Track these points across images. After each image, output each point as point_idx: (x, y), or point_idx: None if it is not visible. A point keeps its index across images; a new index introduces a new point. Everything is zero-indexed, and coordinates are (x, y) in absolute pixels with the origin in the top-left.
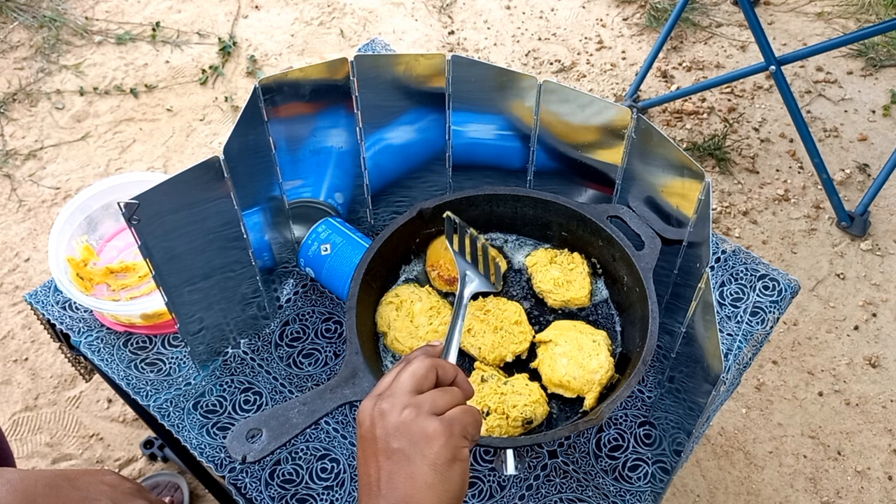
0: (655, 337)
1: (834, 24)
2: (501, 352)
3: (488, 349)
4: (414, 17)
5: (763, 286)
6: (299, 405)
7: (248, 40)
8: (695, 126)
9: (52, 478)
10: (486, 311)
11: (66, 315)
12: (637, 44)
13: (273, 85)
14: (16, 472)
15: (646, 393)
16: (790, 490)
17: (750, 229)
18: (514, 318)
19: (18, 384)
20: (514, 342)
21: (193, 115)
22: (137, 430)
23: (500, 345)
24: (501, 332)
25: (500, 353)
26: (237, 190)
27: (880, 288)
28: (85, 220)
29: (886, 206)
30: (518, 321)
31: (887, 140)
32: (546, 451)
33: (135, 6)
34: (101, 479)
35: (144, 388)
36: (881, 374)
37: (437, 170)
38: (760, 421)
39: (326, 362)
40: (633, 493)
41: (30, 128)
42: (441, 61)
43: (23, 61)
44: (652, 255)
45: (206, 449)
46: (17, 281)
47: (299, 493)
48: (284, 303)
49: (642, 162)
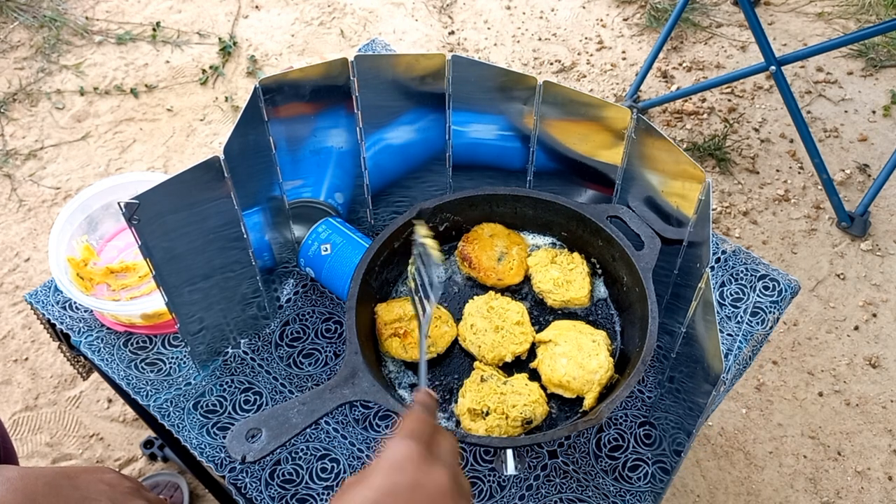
0: (655, 337)
1: (834, 24)
2: (501, 352)
3: (488, 348)
4: (414, 18)
5: (763, 286)
6: (299, 405)
7: (248, 40)
8: (695, 126)
9: (52, 476)
10: (490, 307)
11: (66, 315)
12: (637, 44)
13: (273, 85)
14: (16, 471)
15: (646, 393)
16: (790, 490)
17: (750, 229)
18: (517, 318)
19: (18, 384)
20: (514, 342)
21: (194, 115)
22: (137, 430)
23: (499, 344)
24: (502, 332)
25: (499, 352)
26: (237, 190)
27: (880, 288)
28: (85, 219)
29: (886, 207)
30: (520, 321)
31: (887, 140)
32: (546, 451)
33: (135, 6)
34: (100, 478)
35: (144, 388)
36: (881, 375)
37: (437, 170)
38: (760, 421)
39: (326, 362)
40: (633, 493)
41: (30, 128)
42: (441, 61)
43: (23, 61)
44: (652, 255)
45: (206, 449)
46: (18, 281)
47: (299, 493)
48: (284, 303)
49: (642, 162)
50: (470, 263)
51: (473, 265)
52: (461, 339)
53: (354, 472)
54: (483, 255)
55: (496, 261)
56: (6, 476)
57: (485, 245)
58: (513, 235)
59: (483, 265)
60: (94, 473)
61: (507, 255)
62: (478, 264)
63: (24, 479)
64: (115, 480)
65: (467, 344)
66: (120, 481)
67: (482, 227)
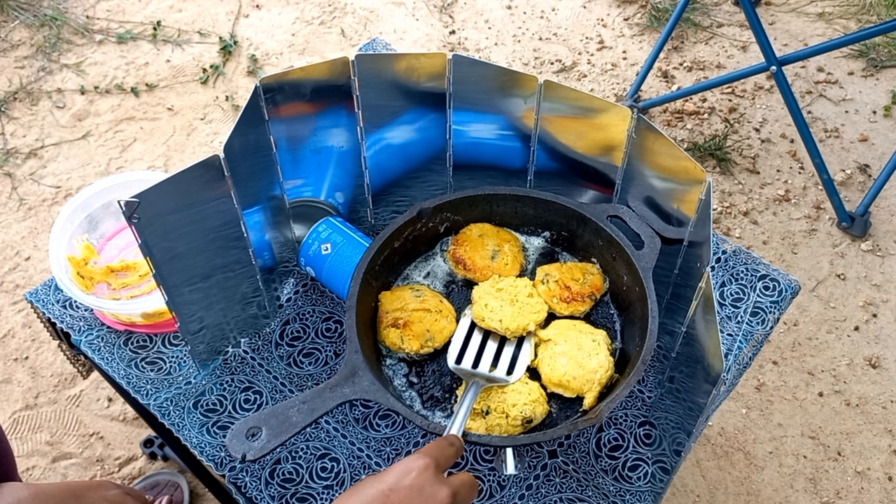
0: (655, 336)
1: (835, 24)
2: (522, 321)
3: (510, 319)
4: (415, 17)
5: (763, 286)
6: (299, 404)
7: (248, 39)
8: (695, 126)
9: (61, 496)
10: (499, 289)
11: (66, 314)
12: (638, 44)
13: (274, 84)
14: (26, 491)
15: (646, 393)
16: (790, 490)
17: (750, 229)
18: (527, 291)
19: (19, 383)
20: (532, 311)
21: (194, 115)
22: (137, 429)
23: (520, 314)
24: (518, 305)
25: (520, 322)
26: (238, 189)
27: (881, 288)
28: (86, 218)
29: (887, 207)
30: (531, 294)
31: (888, 141)
32: (546, 450)
33: (136, 5)
34: (104, 496)
35: (145, 387)
36: (881, 375)
37: (437, 169)
38: (760, 421)
39: (326, 361)
40: (633, 493)
41: (31, 126)
42: (442, 61)
43: (24, 60)
44: (652, 255)
45: (207, 448)
46: (18, 280)
47: (299, 493)
48: (285, 302)
49: (643, 162)
50: (464, 266)
51: (468, 267)
52: (478, 321)
53: (355, 471)
54: (476, 256)
55: (490, 259)
56: (18, 497)
57: (476, 245)
58: (502, 233)
59: (477, 265)
60: (98, 490)
61: (501, 253)
62: (472, 265)
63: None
64: (119, 498)
65: (486, 323)
66: (123, 499)
67: (470, 229)
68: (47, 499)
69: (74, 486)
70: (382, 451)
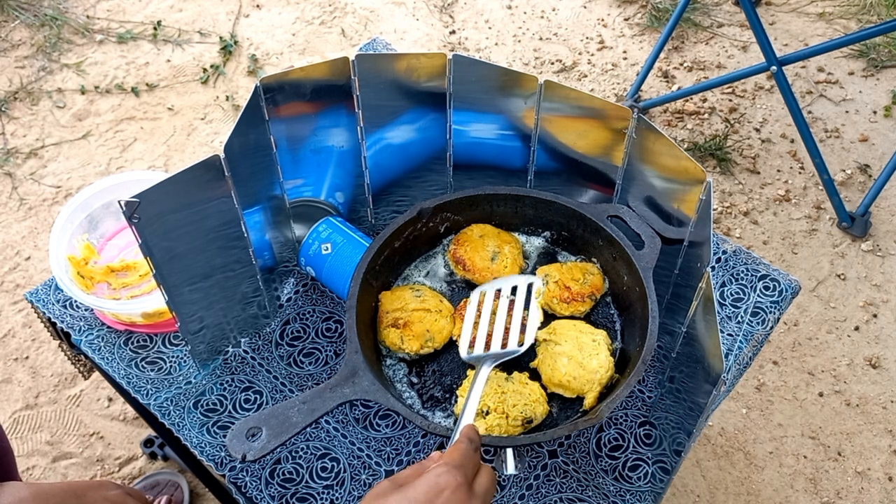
0: (655, 336)
1: (835, 24)
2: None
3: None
4: (415, 17)
5: (763, 286)
6: (299, 404)
7: (249, 39)
8: (696, 126)
9: (62, 496)
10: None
11: (66, 313)
12: (638, 44)
13: (274, 84)
14: (26, 489)
15: (646, 393)
16: (790, 490)
17: (751, 230)
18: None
19: (19, 382)
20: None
21: (194, 114)
22: (138, 429)
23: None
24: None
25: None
26: (238, 189)
27: (881, 289)
28: (86, 218)
29: (887, 207)
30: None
31: (888, 141)
32: (546, 450)
33: (136, 5)
34: (104, 496)
35: (145, 387)
36: (881, 375)
37: (437, 169)
38: (761, 421)
39: (327, 361)
40: (633, 493)
41: (31, 126)
42: (442, 61)
43: (24, 60)
44: (652, 255)
45: (207, 448)
46: (18, 279)
47: (299, 492)
48: (285, 302)
49: (643, 162)
50: (464, 266)
51: (468, 267)
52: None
53: (355, 471)
54: (476, 256)
55: (490, 260)
56: (19, 496)
57: (476, 246)
58: (503, 234)
59: (477, 266)
60: (99, 490)
61: (500, 254)
62: (472, 266)
63: (36, 498)
64: (119, 498)
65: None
66: (124, 499)
67: (471, 229)
68: (48, 498)
69: (75, 485)
70: (382, 450)
